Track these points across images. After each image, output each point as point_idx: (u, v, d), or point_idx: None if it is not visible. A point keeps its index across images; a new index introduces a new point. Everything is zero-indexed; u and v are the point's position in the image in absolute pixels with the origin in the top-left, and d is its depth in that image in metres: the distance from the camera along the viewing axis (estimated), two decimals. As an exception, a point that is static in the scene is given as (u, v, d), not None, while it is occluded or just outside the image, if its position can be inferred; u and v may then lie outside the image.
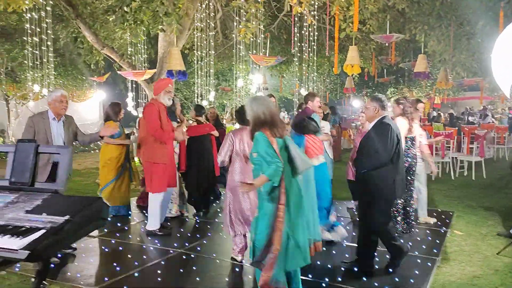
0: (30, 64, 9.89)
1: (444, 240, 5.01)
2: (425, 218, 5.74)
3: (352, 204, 6.09)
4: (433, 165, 5.99)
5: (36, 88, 11.18)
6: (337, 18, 7.87)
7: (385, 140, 3.74)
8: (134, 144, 7.47)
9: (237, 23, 9.08)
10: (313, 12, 8.62)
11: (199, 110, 6.38)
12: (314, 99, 5.83)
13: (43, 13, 8.30)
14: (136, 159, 7.09)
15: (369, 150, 3.84)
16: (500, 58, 4.70)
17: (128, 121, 14.43)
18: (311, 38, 9.71)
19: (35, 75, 11.05)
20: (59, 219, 1.83)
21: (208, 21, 9.42)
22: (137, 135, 5.91)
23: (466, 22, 9.12)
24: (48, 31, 8.74)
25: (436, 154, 9.26)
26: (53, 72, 10.98)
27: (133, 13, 6.65)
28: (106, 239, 5.10)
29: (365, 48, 11.49)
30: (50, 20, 8.68)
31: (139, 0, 6.73)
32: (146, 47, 10.17)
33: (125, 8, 6.74)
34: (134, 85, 11.61)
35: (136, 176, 6.36)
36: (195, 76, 10.75)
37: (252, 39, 7.89)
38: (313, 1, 7.85)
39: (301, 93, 12.51)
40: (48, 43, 9.03)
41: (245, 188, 3.11)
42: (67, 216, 1.83)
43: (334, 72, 9.78)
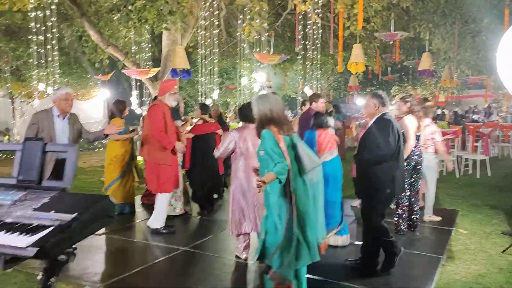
0: (35, 63, 9.95)
1: (449, 239, 5.00)
2: (430, 217, 5.73)
3: (357, 202, 6.08)
4: (450, 162, 6.11)
5: (41, 87, 11.24)
6: (341, 16, 7.85)
7: (387, 136, 3.72)
8: (138, 143, 7.51)
9: (241, 22, 9.08)
10: (317, 10, 8.61)
11: (204, 109, 6.39)
12: (318, 101, 5.84)
13: (48, 12, 8.33)
14: (140, 158, 7.12)
15: (370, 145, 3.81)
16: (506, 56, 4.69)
17: (132, 120, 14.49)
18: (315, 36, 9.70)
19: (40, 74, 11.11)
20: (67, 217, 1.84)
21: (212, 20, 9.43)
22: (141, 134, 5.94)
23: (471, 20, 9.08)
24: (53, 30, 8.79)
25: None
26: (58, 71, 11.02)
27: (138, 12, 6.67)
28: (111, 237, 5.13)
29: (369, 46, 11.47)
30: (55, 19, 8.72)
31: (144, -1, 6.75)
32: (150, 46, 10.20)
33: (130, 7, 6.75)
34: (138, 84, 11.65)
35: (141, 174, 6.38)
36: (199, 75, 10.77)
37: (256, 37, 7.89)
38: (317, -1, 7.86)
39: (305, 92, 12.51)
40: (53, 42, 9.08)
41: (259, 185, 3.11)
42: (75, 214, 1.84)
43: (338, 70, 9.76)
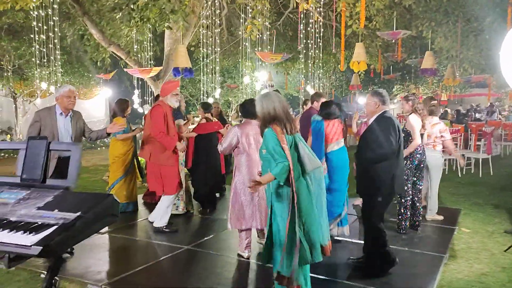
0: (37, 62, 9.97)
1: (451, 238, 5.00)
2: (433, 216, 5.72)
3: (358, 201, 6.09)
4: (461, 158, 6.14)
5: (44, 86, 11.26)
6: (344, 15, 7.83)
7: (388, 134, 3.69)
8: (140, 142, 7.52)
9: (243, 20, 9.08)
10: (319, 9, 8.60)
11: (207, 108, 6.39)
12: (320, 100, 5.83)
13: (50, 11, 8.34)
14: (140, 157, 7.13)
15: (372, 144, 3.78)
16: (509, 55, 4.68)
17: (134, 119, 14.51)
18: (317, 35, 9.69)
19: (42, 73, 11.15)
20: (71, 216, 1.85)
21: (214, 18, 9.42)
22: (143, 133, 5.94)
23: (474, 19, 9.05)
24: (55, 29, 8.80)
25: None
26: (60, 70, 11.05)
27: (140, 11, 6.66)
28: (114, 235, 5.14)
29: (371, 45, 11.44)
30: (57, 18, 8.73)
31: (146, -2, 6.74)
32: (152, 45, 10.19)
33: (132, 6, 6.76)
34: (140, 83, 11.66)
35: (143, 173, 6.39)
36: (201, 73, 10.78)
37: (258, 36, 7.89)
38: (319, -2, 7.85)
39: (307, 90, 12.49)
40: (55, 41, 9.08)
41: (253, 186, 3.12)
42: (79, 213, 1.85)
43: (341, 69, 9.75)
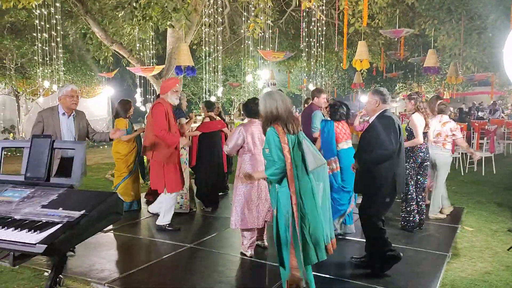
0: (40, 60, 9.99)
1: (455, 236, 5.00)
2: (436, 214, 5.71)
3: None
4: (475, 153, 6.15)
5: (46, 84, 11.28)
6: (346, 13, 7.82)
7: (389, 133, 3.65)
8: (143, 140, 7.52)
9: (245, 19, 9.06)
10: (322, 7, 8.58)
11: (210, 106, 6.40)
12: (320, 95, 5.81)
13: (52, 10, 8.35)
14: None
15: (373, 144, 3.72)
16: (513, 53, 4.66)
17: (137, 117, 14.51)
18: (320, 33, 9.67)
19: (45, 71, 11.16)
20: (75, 214, 1.85)
21: (216, 17, 9.41)
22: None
23: (477, 16, 9.01)
24: (57, 27, 8.80)
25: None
26: (62, 68, 11.06)
27: (142, 9, 6.66)
28: (117, 234, 5.15)
29: (374, 43, 11.41)
30: (59, 17, 8.73)
31: (148, -4, 6.73)
32: (154, 43, 10.19)
33: (134, 4, 6.75)
34: (142, 81, 11.66)
35: (146, 171, 6.40)
36: (203, 72, 10.76)
37: (260, 34, 7.88)
38: (322, -4, 7.81)
39: (309, 89, 12.47)
40: (57, 39, 9.10)
41: (246, 178, 3.15)
42: (83, 211, 1.86)
43: (343, 67, 9.73)
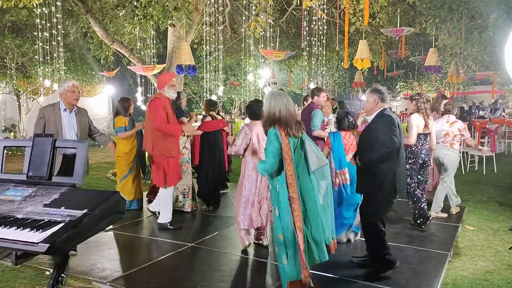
0: (41, 59, 9.98)
1: (456, 235, 4.99)
2: (437, 213, 5.71)
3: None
4: (484, 149, 6.34)
5: (47, 83, 11.28)
6: (347, 12, 7.80)
7: (391, 132, 3.62)
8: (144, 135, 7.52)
9: (246, 18, 9.06)
10: (323, 6, 8.57)
11: (213, 105, 6.40)
12: (320, 94, 5.80)
13: (53, 9, 8.34)
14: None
15: (373, 144, 3.68)
16: (514, 52, 4.65)
17: (138, 116, 14.51)
18: (321, 32, 9.66)
19: (46, 70, 11.16)
20: (78, 213, 1.85)
21: (217, 16, 9.41)
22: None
23: (478, 15, 8.99)
24: (58, 26, 8.80)
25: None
26: (63, 67, 11.06)
27: (143, 8, 6.64)
28: (118, 233, 5.15)
29: (375, 42, 11.40)
30: (60, 15, 8.73)
31: (149, -5, 6.72)
32: (155, 42, 10.19)
33: (135, 3, 6.73)
34: (143, 80, 11.66)
35: (147, 170, 6.40)
36: (204, 71, 10.76)
37: (261, 33, 7.87)
38: (323, -5, 7.80)
39: (310, 88, 12.46)
40: (58, 38, 9.10)
41: (253, 155, 3.35)
42: (86, 210, 1.86)
43: (344, 67, 9.72)
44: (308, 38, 10.10)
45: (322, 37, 9.79)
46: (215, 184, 6.32)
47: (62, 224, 1.80)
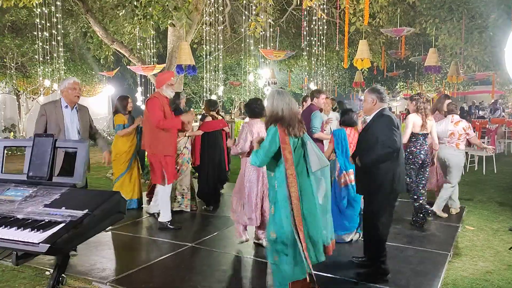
0: (40, 59, 9.98)
1: (456, 235, 4.99)
2: (438, 213, 5.71)
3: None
4: (489, 147, 6.22)
5: (47, 83, 11.27)
6: (347, 12, 7.80)
7: (392, 131, 3.60)
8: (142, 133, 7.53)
9: (246, 17, 9.06)
10: (323, 6, 8.57)
11: (213, 105, 6.40)
12: (320, 96, 5.81)
13: (53, 8, 8.34)
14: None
15: (372, 144, 3.65)
16: (514, 52, 4.65)
17: (137, 116, 14.50)
18: (321, 32, 9.66)
19: (45, 70, 11.16)
20: (78, 213, 1.85)
21: (217, 16, 9.41)
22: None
23: (478, 15, 8.99)
24: (58, 26, 8.80)
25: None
26: (63, 67, 11.06)
27: (143, 8, 6.64)
28: (118, 233, 5.15)
29: (375, 42, 11.41)
30: (60, 15, 8.73)
31: (149, -6, 6.71)
32: (155, 42, 10.19)
33: (135, 3, 6.73)
34: (143, 80, 11.66)
35: (145, 166, 6.38)
36: (204, 71, 10.76)
37: (261, 33, 7.87)
38: (323, -5, 7.80)
39: (310, 87, 12.46)
40: (58, 38, 9.10)
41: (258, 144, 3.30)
42: (86, 210, 1.85)
43: (344, 66, 9.72)
44: (308, 38, 10.10)
45: (322, 37, 9.79)
46: (215, 184, 6.32)
47: (63, 225, 1.79)
